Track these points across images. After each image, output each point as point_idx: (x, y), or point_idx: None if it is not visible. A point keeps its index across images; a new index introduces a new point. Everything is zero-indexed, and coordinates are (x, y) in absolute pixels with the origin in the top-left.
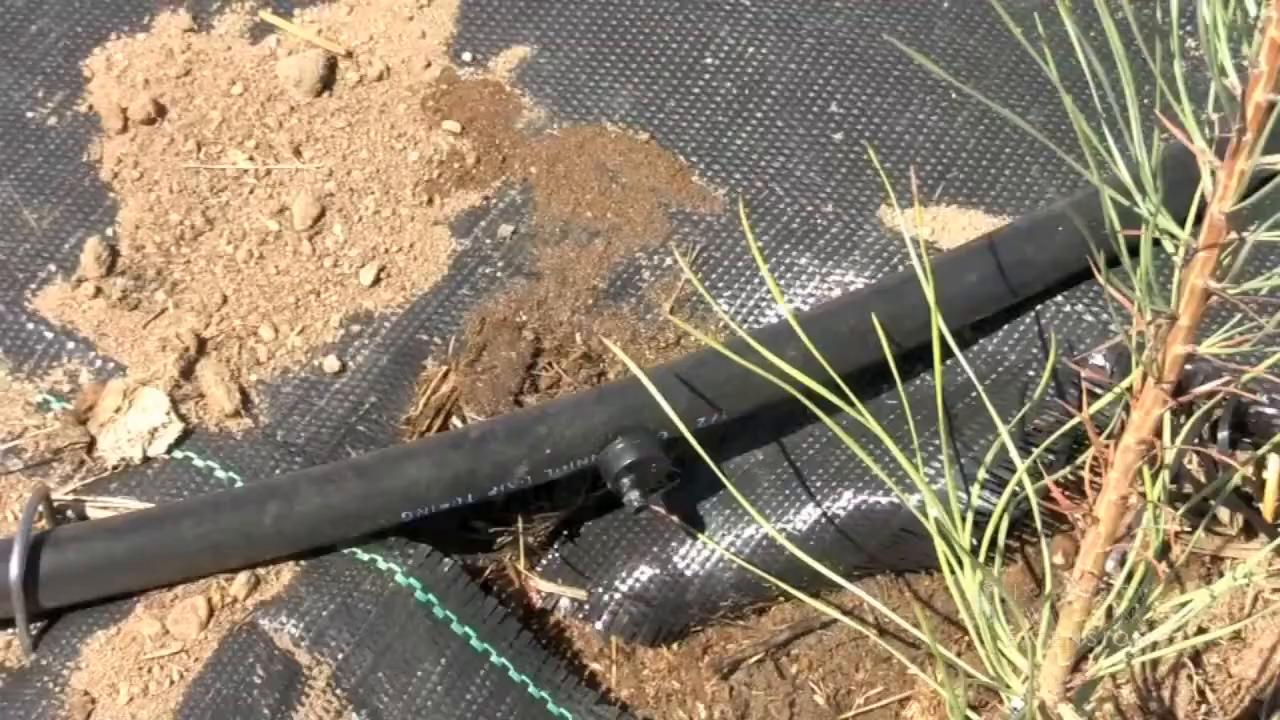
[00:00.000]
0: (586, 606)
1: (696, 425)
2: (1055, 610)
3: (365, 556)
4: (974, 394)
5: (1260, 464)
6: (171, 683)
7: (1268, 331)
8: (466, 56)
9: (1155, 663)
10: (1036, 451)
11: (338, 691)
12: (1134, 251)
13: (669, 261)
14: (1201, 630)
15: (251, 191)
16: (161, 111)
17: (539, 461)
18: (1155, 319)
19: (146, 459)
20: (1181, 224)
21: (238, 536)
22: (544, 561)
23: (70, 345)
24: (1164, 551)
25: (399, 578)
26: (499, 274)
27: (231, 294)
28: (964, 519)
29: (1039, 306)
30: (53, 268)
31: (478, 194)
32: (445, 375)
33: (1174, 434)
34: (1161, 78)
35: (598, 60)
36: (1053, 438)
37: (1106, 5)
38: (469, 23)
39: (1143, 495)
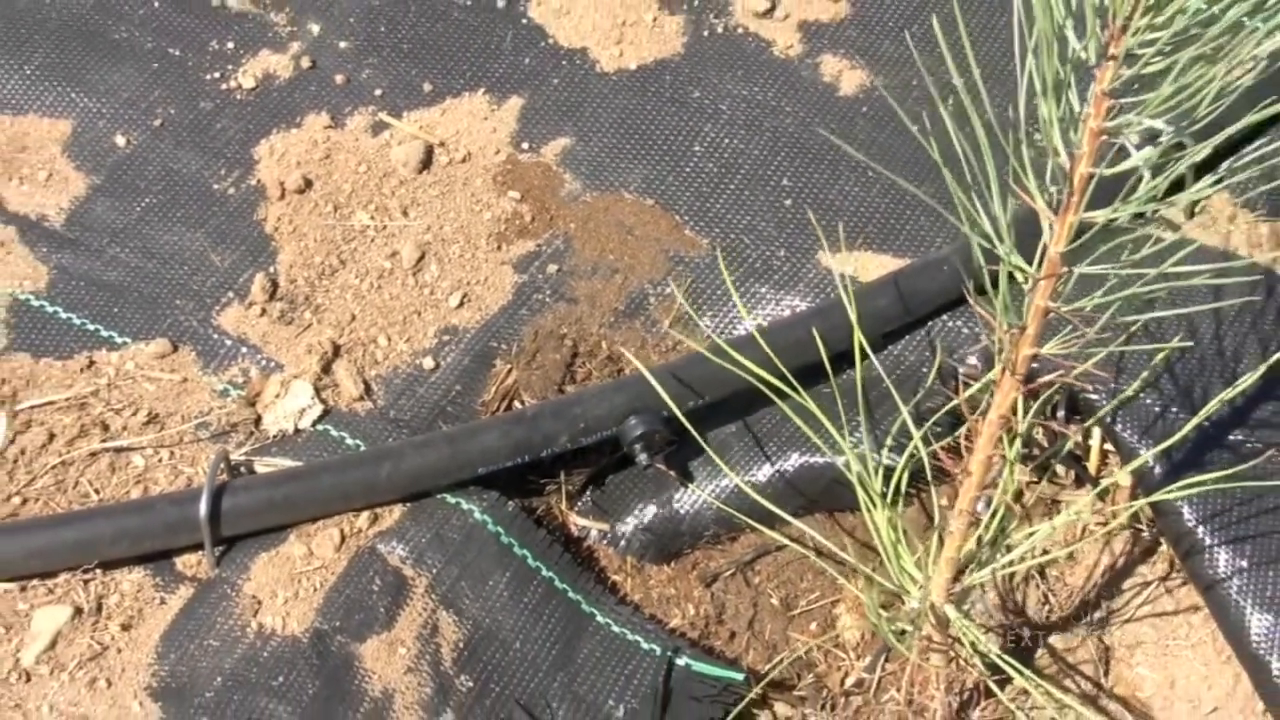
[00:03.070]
0: (609, 535)
1: (687, 407)
2: (941, 538)
3: (452, 500)
4: (884, 385)
5: (1086, 433)
6: (314, 589)
7: (1090, 338)
8: (525, 146)
9: (1012, 575)
10: (927, 425)
11: (433, 596)
12: (995, 281)
13: (668, 290)
14: (1045, 552)
15: (372, 241)
16: (309, 184)
17: (576, 433)
18: (1010, 329)
19: (297, 431)
20: (1029, 262)
21: (361, 486)
22: (579, 503)
23: (243, 350)
24: (1018, 496)
25: (476, 515)
26: (547, 299)
27: (358, 314)
28: (877, 473)
29: (930, 323)
30: (231, 294)
31: (533, 242)
32: (509, 371)
33: (1025, 411)
34: (1014, 158)
35: (618, 148)
36: (939, 415)
37: (976, 109)
38: (526, 122)
39: (1003, 456)
